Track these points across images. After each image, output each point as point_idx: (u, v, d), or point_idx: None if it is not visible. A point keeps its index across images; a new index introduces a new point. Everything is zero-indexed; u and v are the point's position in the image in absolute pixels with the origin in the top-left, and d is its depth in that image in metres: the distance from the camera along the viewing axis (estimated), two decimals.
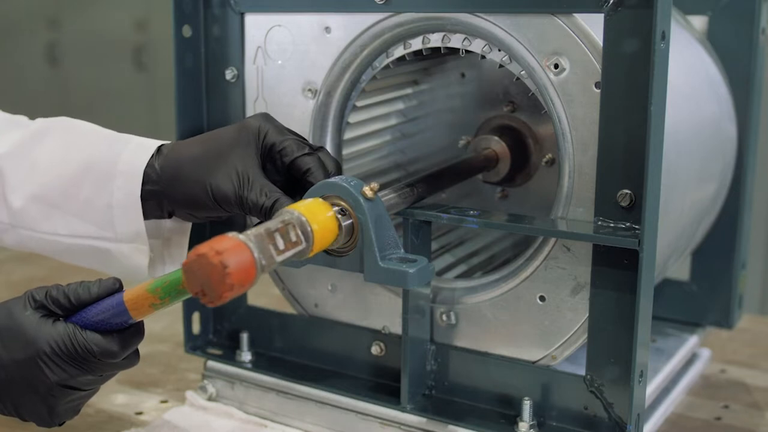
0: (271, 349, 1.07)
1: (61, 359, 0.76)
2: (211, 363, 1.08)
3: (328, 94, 0.98)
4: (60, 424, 0.82)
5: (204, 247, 0.66)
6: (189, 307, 1.08)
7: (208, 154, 0.89)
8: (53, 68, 4.09)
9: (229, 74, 1.02)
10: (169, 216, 0.93)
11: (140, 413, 1.08)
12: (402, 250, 0.85)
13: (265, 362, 1.06)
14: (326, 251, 0.84)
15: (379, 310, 1.00)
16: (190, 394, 1.09)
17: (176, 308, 1.02)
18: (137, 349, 0.81)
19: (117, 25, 3.81)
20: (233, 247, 0.67)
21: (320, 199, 0.81)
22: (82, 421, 1.03)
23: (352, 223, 0.82)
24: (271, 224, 0.73)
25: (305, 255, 0.77)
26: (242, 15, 1.00)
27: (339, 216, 0.81)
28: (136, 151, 0.91)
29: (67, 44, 4.03)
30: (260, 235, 0.71)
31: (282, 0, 0.98)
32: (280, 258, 0.73)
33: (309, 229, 0.77)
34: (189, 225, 0.97)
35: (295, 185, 0.88)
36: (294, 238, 0.75)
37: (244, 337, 1.07)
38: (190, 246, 0.98)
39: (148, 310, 0.77)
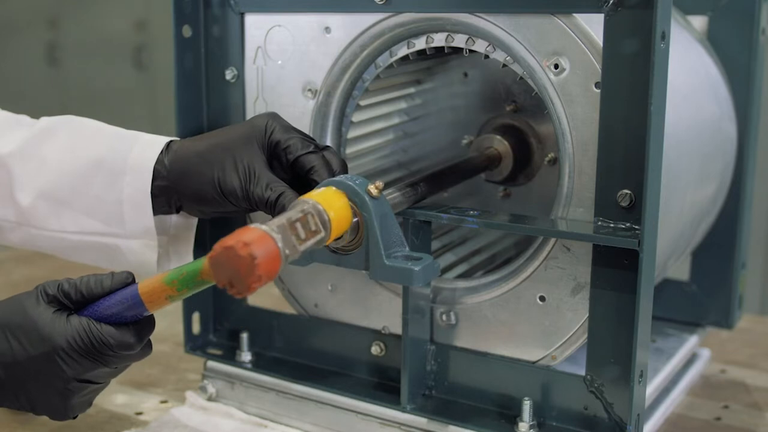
0: (271, 349, 1.07)
1: (78, 354, 0.77)
2: (211, 363, 1.08)
3: (328, 94, 0.99)
4: (74, 417, 0.82)
5: (230, 240, 0.67)
6: (189, 307, 1.08)
7: (215, 149, 0.90)
8: (53, 68, 4.09)
9: (229, 74, 1.02)
10: (177, 211, 0.94)
11: (140, 413, 1.08)
12: (407, 248, 0.85)
13: (265, 362, 1.06)
14: (332, 249, 0.85)
15: (379, 310, 1.00)
16: (190, 394, 1.09)
17: (176, 308, 1.03)
18: (150, 340, 0.82)
19: (117, 25, 3.81)
20: (259, 238, 0.68)
21: (333, 188, 0.82)
22: (82, 421, 1.03)
23: (357, 221, 0.82)
24: (292, 214, 0.74)
25: (323, 243, 0.78)
26: (242, 15, 1.00)
27: None
28: (146, 148, 0.92)
29: (67, 44, 4.03)
30: (283, 225, 0.72)
31: (282, 0, 0.98)
32: (302, 247, 0.74)
33: (326, 217, 0.77)
34: (195, 221, 0.98)
35: (301, 183, 0.89)
36: (314, 227, 0.76)
37: (244, 337, 1.07)
38: (194, 244, 0.99)
39: (163, 302, 0.77)
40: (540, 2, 0.83)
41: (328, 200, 0.79)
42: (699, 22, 1.16)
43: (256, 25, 1.00)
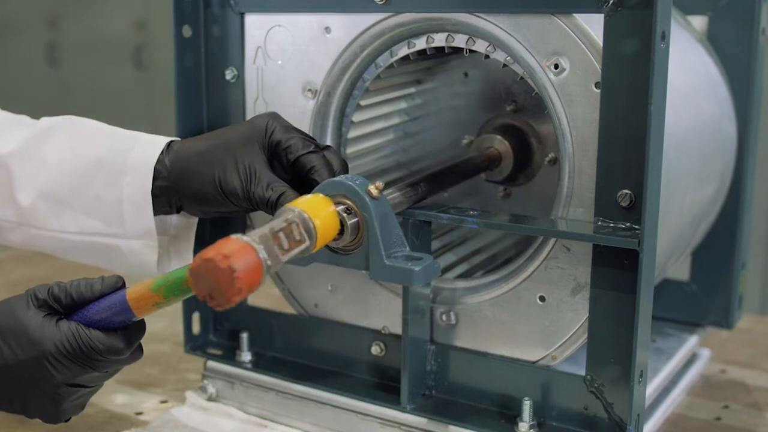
0: (271, 349, 1.07)
1: (66, 359, 0.76)
2: (211, 363, 1.08)
3: (328, 94, 0.99)
4: (66, 420, 0.82)
5: (210, 252, 0.66)
6: (189, 307, 1.08)
7: (216, 150, 0.90)
8: (53, 68, 4.09)
9: (229, 74, 1.02)
10: (177, 211, 0.94)
11: (140, 413, 1.08)
12: (407, 248, 0.85)
13: (265, 362, 1.06)
14: (332, 249, 0.85)
15: (379, 310, 1.00)
16: (190, 394, 1.09)
17: (176, 308, 1.03)
18: (141, 344, 0.82)
19: (117, 25, 3.81)
20: (239, 250, 0.67)
21: (321, 195, 0.81)
22: (82, 421, 1.03)
23: (357, 221, 0.82)
24: (275, 224, 0.73)
25: (309, 252, 0.77)
26: (242, 15, 1.00)
27: (344, 214, 0.82)
28: (146, 148, 0.92)
29: (67, 44, 4.04)
30: (265, 235, 0.71)
31: (282, 0, 0.98)
32: (285, 257, 0.73)
33: (312, 225, 0.77)
34: (195, 220, 0.98)
35: (302, 183, 0.89)
36: (298, 237, 0.75)
37: (244, 337, 1.07)
38: (195, 243, 0.99)
39: (151, 309, 0.77)
40: (540, 2, 0.83)
41: (314, 208, 0.78)
42: (699, 22, 1.16)
43: (256, 25, 1.00)
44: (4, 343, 0.77)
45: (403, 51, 0.95)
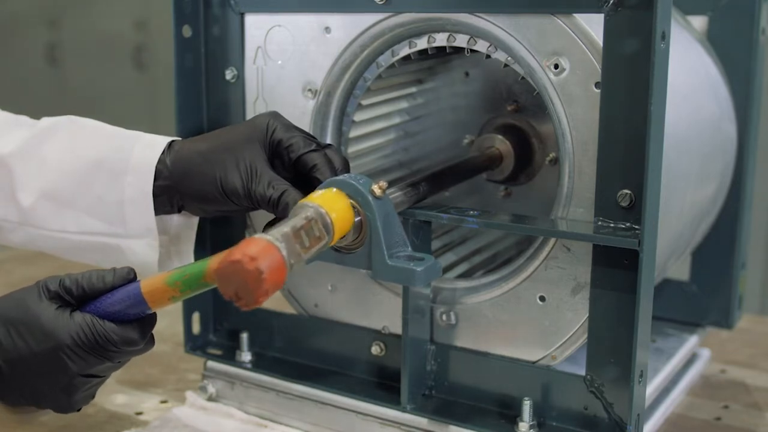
0: (271, 349, 1.07)
1: (82, 350, 0.77)
2: (211, 363, 1.08)
3: (329, 95, 0.99)
4: (78, 410, 0.83)
5: (237, 253, 0.66)
6: (189, 307, 1.08)
7: (217, 149, 0.90)
8: (53, 68, 4.09)
9: (229, 74, 1.02)
10: (179, 211, 0.94)
11: (140, 413, 1.08)
12: (409, 248, 0.85)
13: (265, 362, 1.06)
14: (334, 248, 0.85)
15: (379, 310, 1.00)
16: (190, 394, 1.09)
17: (176, 308, 1.03)
18: (152, 335, 0.82)
19: (117, 25, 3.81)
20: (265, 251, 0.67)
21: (334, 189, 0.82)
22: (82, 421, 1.04)
23: (360, 220, 0.82)
24: (296, 222, 0.74)
25: (326, 247, 0.78)
26: (242, 15, 1.01)
27: None
28: (148, 148, 0.92)
29: (67, 44, 4.03)
30: (287, 234, 0.71)
31: (282, 0, 0.98)
32: (306, 255, 0.74)
33: (329, 220, 0.77)
34: (196, 220, 0.98)
35: (303, 182, 0.89)
36: (317, 233, 0.76)
37: (244, 337, 1.07)
38: (195, 243, 0.99)
39: (166, 303, 0.78)
40: (540, 2, 0.83)
41: (329, 202, 0.79)
42: (699, 22, 1.16)
43: (256, 25, 1.00)
44: (17, 335, 0.78)
45: (404, 51, 0.95)
